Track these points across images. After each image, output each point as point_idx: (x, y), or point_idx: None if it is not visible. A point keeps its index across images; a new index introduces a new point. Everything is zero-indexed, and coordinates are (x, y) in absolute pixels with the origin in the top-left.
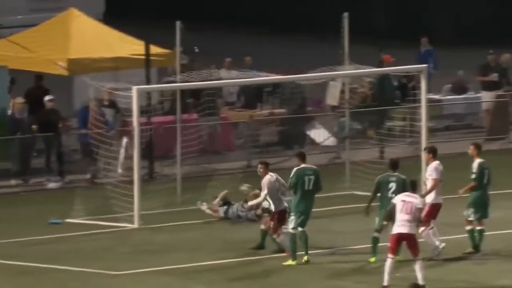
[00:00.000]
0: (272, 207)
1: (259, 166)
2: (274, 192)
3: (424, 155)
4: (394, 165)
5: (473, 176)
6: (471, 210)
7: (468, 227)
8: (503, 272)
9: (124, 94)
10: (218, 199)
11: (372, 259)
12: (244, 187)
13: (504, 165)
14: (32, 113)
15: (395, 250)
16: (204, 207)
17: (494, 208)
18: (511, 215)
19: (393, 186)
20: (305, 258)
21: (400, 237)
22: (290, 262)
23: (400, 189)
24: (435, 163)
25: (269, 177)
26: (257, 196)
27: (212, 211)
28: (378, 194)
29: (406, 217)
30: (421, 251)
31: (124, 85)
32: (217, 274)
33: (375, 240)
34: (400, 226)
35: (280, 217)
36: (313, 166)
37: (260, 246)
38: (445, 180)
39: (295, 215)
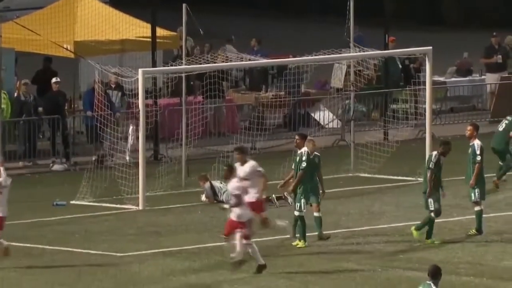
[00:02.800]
0: None
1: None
2: None
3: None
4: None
5: (478, 158)
6: (477, 191)
7: (477, 208)
8: (507, 253)
9: (130, 77)
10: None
11: (437, 241)
12: None
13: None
14: (41, 95)
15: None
16: (203, 198)
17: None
18: None
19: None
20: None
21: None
22: (297, 243)
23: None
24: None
25: None
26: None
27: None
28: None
29: None
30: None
31: (130, 68)
32: (221, 256)
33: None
34: None
35: None
36: None
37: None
38: (449, 161)
39: (304, 197)
